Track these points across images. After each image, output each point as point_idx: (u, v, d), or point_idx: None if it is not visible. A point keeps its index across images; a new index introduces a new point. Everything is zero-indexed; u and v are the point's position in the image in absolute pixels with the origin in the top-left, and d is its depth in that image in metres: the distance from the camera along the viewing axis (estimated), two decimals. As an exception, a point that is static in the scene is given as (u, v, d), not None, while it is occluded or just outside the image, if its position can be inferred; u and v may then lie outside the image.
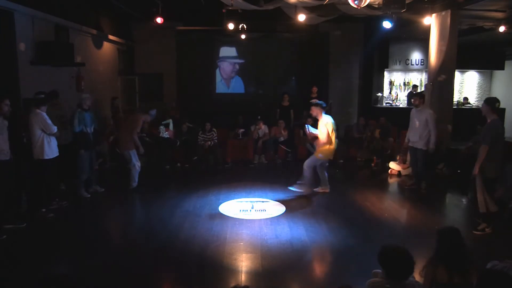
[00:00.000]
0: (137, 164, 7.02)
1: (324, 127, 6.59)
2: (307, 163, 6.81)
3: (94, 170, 7.04)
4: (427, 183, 7.30)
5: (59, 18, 7.31)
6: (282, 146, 9.69)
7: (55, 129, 5.77)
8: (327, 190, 7.09)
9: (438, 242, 2.98)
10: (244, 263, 4.42)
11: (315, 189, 7.07)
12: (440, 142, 7.57)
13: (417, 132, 7.08)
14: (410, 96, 11.86)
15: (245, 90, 13.66)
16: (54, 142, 5.89)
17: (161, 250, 4.77)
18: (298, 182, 6.99)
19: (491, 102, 5.40)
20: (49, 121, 5.73)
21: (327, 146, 6.66)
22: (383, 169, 9.00)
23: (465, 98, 12.77)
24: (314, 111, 6.73)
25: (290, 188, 6.99)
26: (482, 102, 5.58)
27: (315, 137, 6.85)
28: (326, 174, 7.09)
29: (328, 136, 6.59)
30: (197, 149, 9.33)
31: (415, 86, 12.14)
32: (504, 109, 12.34)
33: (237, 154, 9.71)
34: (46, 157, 5.73)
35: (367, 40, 12.08)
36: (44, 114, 5.72)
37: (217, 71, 13.47)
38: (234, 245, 4.87)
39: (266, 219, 5.82)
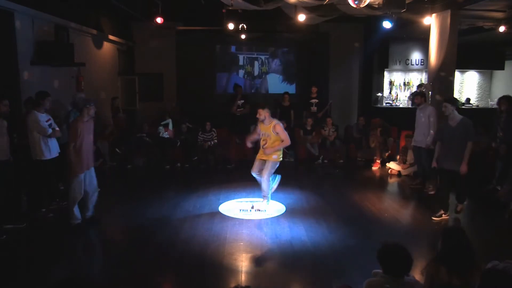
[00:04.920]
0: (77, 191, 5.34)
1: (281, 129, 5.99)
2: (268, 175, 6.06)
3: None
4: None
5: (59, 18, 7.31)
6: (282, 146, 9.68)
7: (48, 131, 5.66)
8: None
9: (442, 242, 2.97)
10: (244, 263, 4.42)
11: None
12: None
13: (421, 131, 7.03)
14: (414, 95, 11.73)
15: (245, 90, 13.67)
16: (52, 143, 5.82)
17: (161, 250, 4.77)
18: (263, 196, 6.23)
19: (455, 103, 5.86)
20: (42, 124, 5.60)
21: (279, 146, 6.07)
22: (383, 169, 9.00)
23: (468, 99, 12.75)
24: (262, 113, 6.00)
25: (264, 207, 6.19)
26: (444, 102, 5.84)
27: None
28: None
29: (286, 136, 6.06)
30: (197, 149, 9.33)
31: (420, 86, 11.97)
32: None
33: (238, 154, 9.69)
34: (44, 158, 5.70)
35: (367, 40, 12.08)
36: (39, 115, 5.60)
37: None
38: (234, 245, 4.87)
39: (266, 219, 5.82)
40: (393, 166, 8.67)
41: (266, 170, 6.08)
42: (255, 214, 6.03)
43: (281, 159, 6.21)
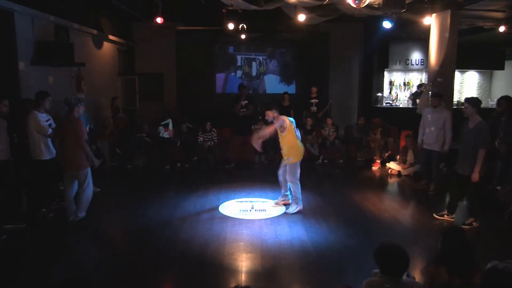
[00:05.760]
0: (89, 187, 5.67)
1: (277, 119, 6.02)
2: (292, 178, 6.08)
3: None
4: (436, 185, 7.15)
5: (59, 18, 7.31)
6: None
7: (48, 131, 5.66)
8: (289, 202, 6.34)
9: (442, 242, 2.97)
10: (244, 263, 4.42)
11: (276, 201, 6.48)
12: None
13: (434, 134, 6.83)
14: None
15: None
16: (52, 143, 5.83)
17: (161, 250, 4.77)
18: (288, 202, 6.32)
19: (477, 104, 5.34)
20: (43, 124, 5.60)
21: (294, 145, 6.11)
22: (383, 169, 9.00)
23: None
24: (270, 114, 6.09)
25: (288, 211, 6.10)
26: (465, 102, 5.46)
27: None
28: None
29: (290, 132, 6.06)
30: (197, 149, 9.32)
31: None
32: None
33: (238, 154, 9.69)
34: (44, 158, 5.69)
35: (367, 40, 12.09)
36: (39, 115, 5.59)
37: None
38: (234, 245, 4.87)
39: (266, 219, 5.82)
40: (393, 166, 8.67)
41: (287, 175, 6.15)
42: (255, 214, 6.03)
43: (301, 158, 6.21)
